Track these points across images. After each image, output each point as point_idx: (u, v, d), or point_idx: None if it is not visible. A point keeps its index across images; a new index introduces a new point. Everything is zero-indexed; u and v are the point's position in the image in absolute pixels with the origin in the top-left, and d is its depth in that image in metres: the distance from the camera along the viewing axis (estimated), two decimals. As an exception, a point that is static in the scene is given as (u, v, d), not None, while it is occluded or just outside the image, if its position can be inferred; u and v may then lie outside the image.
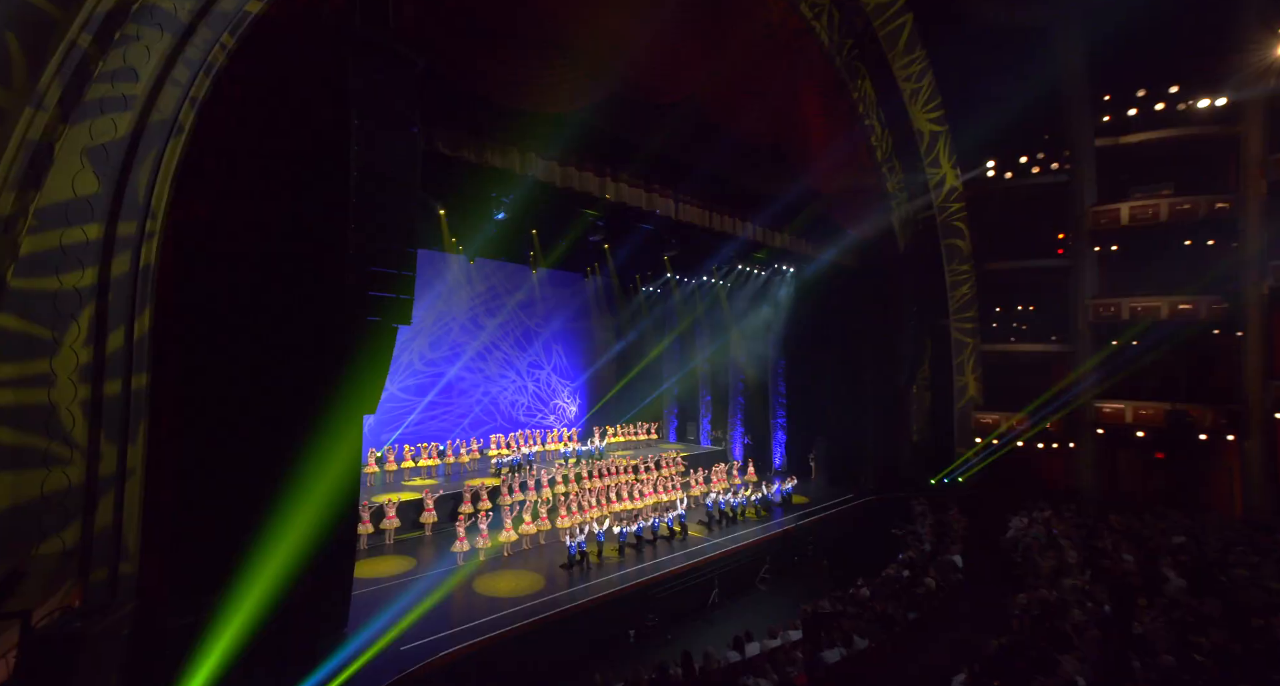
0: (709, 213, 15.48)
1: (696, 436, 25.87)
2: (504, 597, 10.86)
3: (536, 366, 25.18)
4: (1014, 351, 20.87)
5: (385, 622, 9.35)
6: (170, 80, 5.87)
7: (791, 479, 18.74)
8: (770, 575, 14.06)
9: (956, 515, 17.48)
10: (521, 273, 23.92)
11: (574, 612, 10.61)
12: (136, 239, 5.60)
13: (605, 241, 14.87)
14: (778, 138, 15.42)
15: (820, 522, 17.18)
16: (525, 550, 13.44)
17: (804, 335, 22.39)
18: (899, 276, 21.32)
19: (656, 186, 13.94)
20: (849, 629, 9.60)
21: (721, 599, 12.68)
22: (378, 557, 12.66)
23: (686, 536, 14.68)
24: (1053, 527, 15.40)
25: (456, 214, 14.00)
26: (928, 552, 14.31)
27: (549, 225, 15.52)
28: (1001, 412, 20.37)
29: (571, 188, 12.15)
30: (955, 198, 20.30)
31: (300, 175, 6.96)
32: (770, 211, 16.91)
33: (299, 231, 6.97)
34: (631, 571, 12.46)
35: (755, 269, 23.01)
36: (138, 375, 5.68)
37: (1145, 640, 8.83)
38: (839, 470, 21.54)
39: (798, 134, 15.90)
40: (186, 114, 5.95)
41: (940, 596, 11.36)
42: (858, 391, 21.86)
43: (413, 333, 21.09)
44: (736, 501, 16.46)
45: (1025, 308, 20.99)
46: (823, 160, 16.69)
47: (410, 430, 20.78)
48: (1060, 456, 19.62)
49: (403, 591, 10.87)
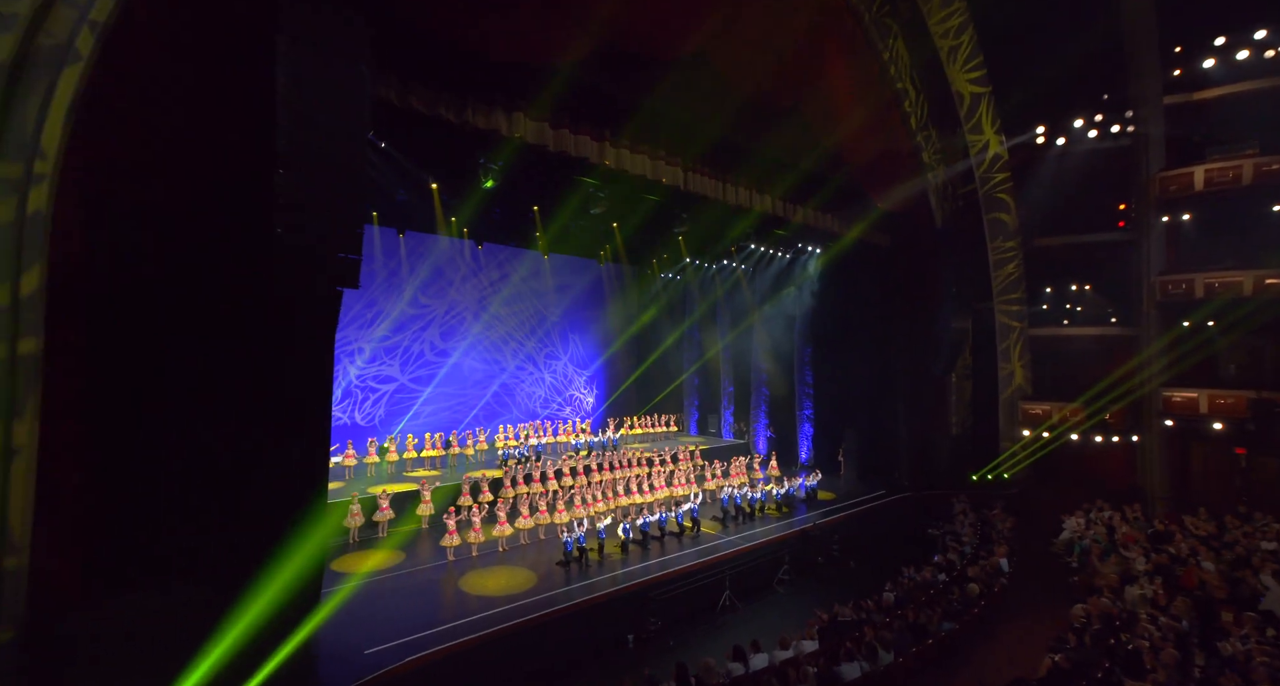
0: (721, 183, 14.27)
1: (718, 428, 24.65)
2: (491, 596, 10.01)
3: (553, 357, 24.43)
4: (1067, 335, 18.91)
5: (356, 623, 8.61)
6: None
7: (817, 473, 17.40)
8: (790, 576, 12.84)
9: (1001, 514, 15.85)
10: (534, 259, 23.17)
11: (566, 614, 9.67)
12: (22, 182, 4.89)
13: (608, 215, 13.81)
14: (798, 100, 14.11)
15: (847, 520, 15.82)
16: (523, 546, 12.59)
17: (832, 321, 20.90)
18: (936, 255, 19.59)
19: (662, 153, 12.83)
20: (873, 640, 8.37)
21: (734, 602, 11.55)
22: (367, 551, 12.01)
23: (699, 533, 13.59)
24: (1114, 530, 13.67)
25: (449, 188, 13.19)
26: (968, 555, 12.83)
27: (547, 198, 14.52)
28: (1052, 403, 18.48)
29: (566, 153, 11.16)
30: (999, 167, 18.46)
31: (228, 113, 6.18)
32: (790, 182, 15.57)
33: (225, 177, 6.19)
34: (634, 570, 11.46)
35: (777, 250, 21.62)
36: (25, 339, 4.97)
37: (1237, 663, 7.34)
38: (870, 465, 20.03)
39: (820, 97, 14.53)
40: (85, 40, 5.22)
41: (983, 604, 9.96)
42: (891, 381, 20.27)
43: (424, 321, 20.64)
44: (755, 496, 15.25)
45: (1080, 287, 18.98)
46: (849, 126, 15.27)
47: (423, 421, 20.29)
48: (1120, 451, 17.65)
49: (382, 588, 10.15)
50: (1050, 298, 19.42)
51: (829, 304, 20.95)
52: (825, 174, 16.39)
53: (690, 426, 25.80)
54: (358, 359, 19.29)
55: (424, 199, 14.14)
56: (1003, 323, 19.47)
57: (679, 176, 13.21)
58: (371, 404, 19.70)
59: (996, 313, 19.42)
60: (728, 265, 23.61)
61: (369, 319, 19.42)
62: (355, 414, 19.34)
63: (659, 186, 13.16)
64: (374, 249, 18.69)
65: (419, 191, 13.55)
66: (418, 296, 20.51)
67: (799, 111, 14.37)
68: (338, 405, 18.83)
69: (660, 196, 13.65)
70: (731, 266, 23.47)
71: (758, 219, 16.20)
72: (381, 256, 18.91)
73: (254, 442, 6.85)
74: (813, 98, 14.43)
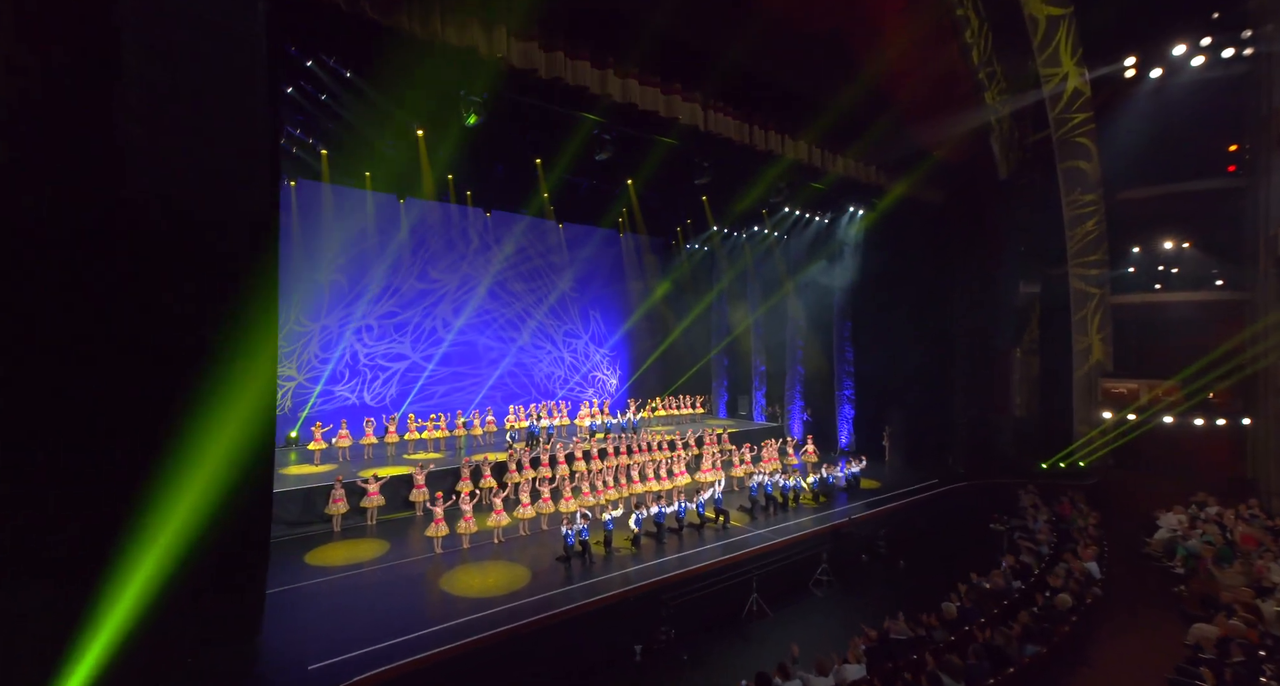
0: (747, 124, 12.31)
1: (749, 410, 22.81)
2: (476, 597, 8.63)
3: (573, 335, 23.02)
4: (1158, 302, 16.20)
5: (306, 629, 7.35)
6: None
7: (860, 460, 15.45)
8: (829, 577, 11.07)
9: (1079, 508, 13.61)
10: (551, 231, 21.71)
11: (561, 620, 8.22)
12: None
13: (615, 160, 12.04)
14: (837, 25, 11.97)
15: (895, 513, 13.88)
16: (523, 537, 11.21)
17: (876, 291, 18.70)
18: (999, 213, 17.15)
19: (677, 86, 10.98)
20: (934, 665, 6.61)
21: (762, 607, 9.88)
22: (349, 541, 10.85)
23: (726, 525, 11.95)
24: (1227, 530, 11.34)
25: (434, 134, 11.67)
26: (1045, 556, 10.77)
27: (546, 144, 12.76)
28: (1139, 380, 15.92)
29: (561, 81, 9.46)
30: (1079, 105, 15.80)
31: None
32: (826, 125, 13.44)
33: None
34: (645, 567, 9.92)
35: (813, 212, 19.45)
36: None
37: None
38: (919, 450, 17.90)
39: (863, 22, 12.32)
40: None
41: (1074, 620, 8.00)
42: (944, 357, 18.01)
43: (435, 297, 19.51)
44: (788, 484, 13.47)
45: (1177, 245, 16.20)
46: (896, 60, 13.01)
47: (435, 402, 19.26)
48: (1226, 436, 15.02)
49: (349, 586, 8.90)
50: (1138, 258, 16.69)
51: (872, 272, 18.73)
52: (868, 116, 14.18)
53: (719, 408, 24.05)
54: (365, 336, 18.30)
55: (412, 153, 12.71)
56: (1078, 289, 16.90)
57: (697, 114, 11.33)
58: (382, 383, 18.71)
59: (1072, 277, 16.86)
60: (757, 231, 21.55)
61: (376, 295, 18.38)
62: (364, 393, 18.40)
63: (674, 126, 11.32)
64: (367, 216, 17.54)
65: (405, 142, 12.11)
66: (428, 270, 19.37)
67: (839, 40, 12.23)
68: (344, 384, 17.94)
69: (676, 140, 11.81)
70: (762, 233, 21.41)
71: (789, 169, 14.15)
72: (375, 224, 17.73)
73: (179, 413, 5.62)
74: (854, 23, 12.25)
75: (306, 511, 11.23)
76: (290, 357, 16.86)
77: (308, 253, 16.74)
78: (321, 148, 12.90)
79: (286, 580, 8.88)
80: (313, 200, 16.57)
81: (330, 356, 17.53)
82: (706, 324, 24.09)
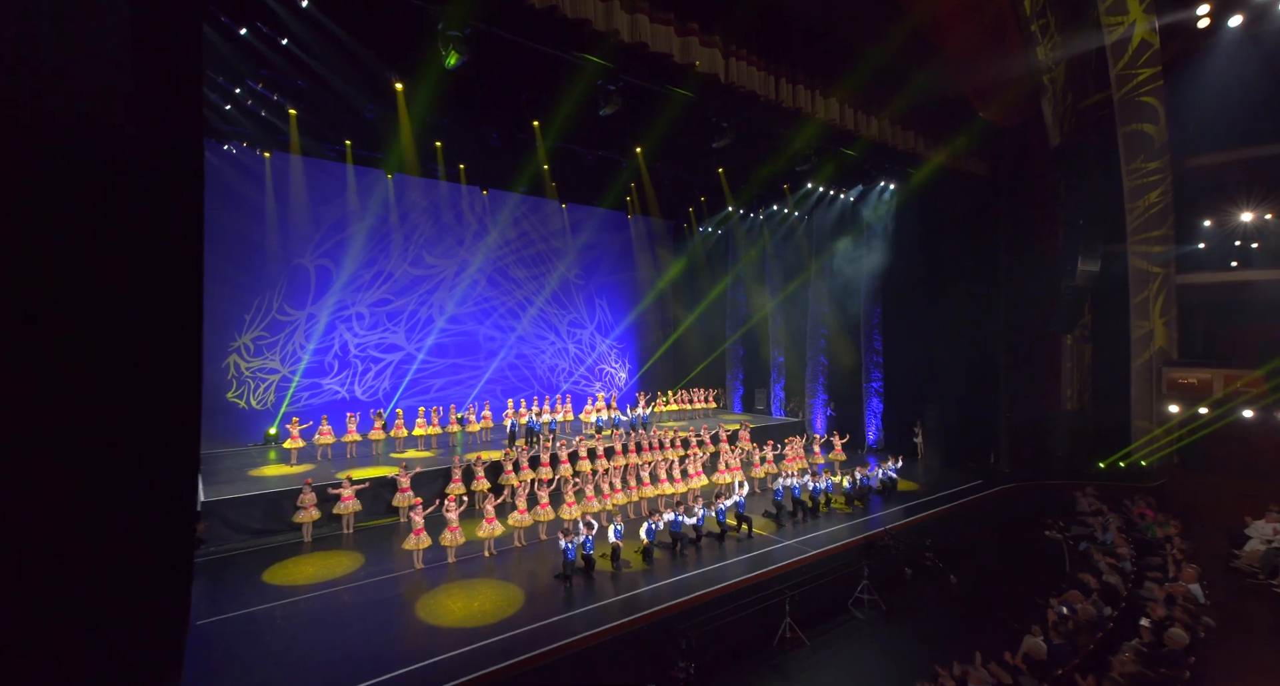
0: (773, 77, 10.71)
1: (766, 405, 21.25)
2: (453, 627, 7.20)
3: (578, 325, 21.57)
4: (1235, 282, 14.41)
5: (229, 672, 5.95)
6: None
7: (894, 459, 13.87)
8: (871, 596, 9.53)
9: (1151, 514, 11.97)
10: (554, 212, 20.24)
11: (558, 656, 6.79)
12: None
13: (623, 121, 10.50)
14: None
15: (938, 519, 12.31)
16: (518, 548, 9.79)
17: (910, 273, 17.03)
18: (1050, 184, 15.41)
19: (694, 25, 9.41)
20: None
21: (796, 633, 8.38)
22: (320, 553, 9.47)
23: (750, 534, 10.47)
24: (1342, 542, 9.68)
25: (414, 88, 10.15)
26: (1130, 573, 9.17)
27: (543, 96, 11.17)
28: (1211, 369, 14.17)
29: (558, 10, 7.92)
30: (1146, 59, 14.01)
31: None
32: (860, 81, 11.82)
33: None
34: (660, 587, 8.46)
35: (840, 187, 17.81)
36: None
37: None
38: (958, 448, 16.28)
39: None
40: None
41: (1193, 661, 6.43)
42: (984, 345, 16.36)
43: (432, 283, 18.13)
44: (818, 486, 11.95)
45: (1258, 217, 14.37)
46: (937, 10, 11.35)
47: (433, 396, 17.92)
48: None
49: (300, 613, 7.49)
50: (1209, 233, 14.89)
51: (906, 252, 17.07)
52: (905, 73, 12.54)
53: (734, 403, 22.51)
54: (355, 325, 16.95)
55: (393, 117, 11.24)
56: (1139, 268, 15.14)
57: (717, 61, 9.75)
58: (374, 376, 17.38)
59: (1131, 256, 15.09)
60: (776, 210, 19.92)
61: (367, 280, 17.02)
62: (355, 387, 17.07)
63: (690, 75, 9.75)
64: (351, 193, 16.16)
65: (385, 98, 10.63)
66: (423, 255, 17.99)
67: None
68: (334, 377, 16.62)
69: (693, 92, 10.23)
70: (782, 212, 19.78)
71: (820, 131, 12.53)
72: (361, 202, 16.34)
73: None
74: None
75: (272, 519, 9.88)
76: (273, 349, 15.56)
77: (287, 233, 15.40)
78: (290, 107, 11.44)
79: (232, 605, 7.51)
80: (289, 175, 15.22)
81: (318, 347, 16.22)
82: (721, 312, 22.53)
